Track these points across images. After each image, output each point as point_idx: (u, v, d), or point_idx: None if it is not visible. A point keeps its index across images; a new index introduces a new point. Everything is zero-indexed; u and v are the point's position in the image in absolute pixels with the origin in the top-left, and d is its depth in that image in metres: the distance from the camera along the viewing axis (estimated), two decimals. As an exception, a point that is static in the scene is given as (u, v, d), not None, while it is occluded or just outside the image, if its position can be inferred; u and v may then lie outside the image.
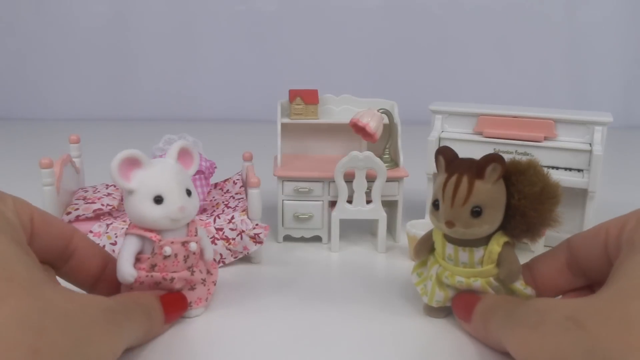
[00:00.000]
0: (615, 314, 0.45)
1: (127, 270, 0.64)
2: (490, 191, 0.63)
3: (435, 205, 0.66)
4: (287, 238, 0.97)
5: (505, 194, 0.64)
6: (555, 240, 0.92)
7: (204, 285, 0.72)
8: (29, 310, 0.43)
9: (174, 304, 0.68)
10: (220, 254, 0.85)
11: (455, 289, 0.69)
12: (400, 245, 0.97)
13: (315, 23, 2.15)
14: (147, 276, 0.66)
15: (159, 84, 2.20)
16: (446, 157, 0.66)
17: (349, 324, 0.70)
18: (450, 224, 0.63)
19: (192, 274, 0.69)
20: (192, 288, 0.71)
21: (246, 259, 0.88)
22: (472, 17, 2.13)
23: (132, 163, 0.65)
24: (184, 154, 0.71)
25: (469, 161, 0.65)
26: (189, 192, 0.68)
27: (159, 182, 0.66)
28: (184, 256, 0.68)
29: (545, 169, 0.66)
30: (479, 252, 0.65)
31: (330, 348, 0.65)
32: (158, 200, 0.65)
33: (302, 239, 0.97)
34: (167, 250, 0.66)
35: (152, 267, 0.66)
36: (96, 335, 0.49)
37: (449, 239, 0.67)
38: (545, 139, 0.91)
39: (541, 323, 0.51)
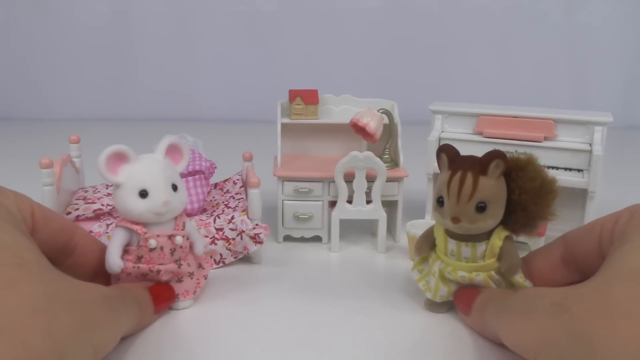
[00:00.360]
0: (600, 299, 0.46)
1: (114, 261, 0.66)
2: (493, 187, 0.64)
3: (440, 202, 0.67)
4: (287, 238, 0.97)
5: (506, 190, 0.66)
6: (555, 240, 0.92)
7: (192, 278, 0.73)
8: (39, 295, 0.44)
9: (162, 295, 0.69)
10: (221, 254, 0.85)
11: (458, 283, 0.70)
12: (400, 245, 0.97)
13: (315, 23, 2.15)
14: (133, 267, 0.68)
15: (159, 84, 2.20)
16: (449, 154, 0.67)
17: (349, 322, 0.70)
18: (456, 219, 0.65)
19: (179, 267, 0.70)
20: (180, 280, 0.72)
21: (246, 259, 0.88)
22: (472, 17, 2.13)
23: (120, 158, 0.67)
24: (173, 150, 0.72)
25: (472, 158, 0.66)
26: (175, 187, 0.69)
27: (144, 176, 0.67)
28: (171, 249, 0.69)
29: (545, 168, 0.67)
30: (481, 247, 0.67)
31: (329, 346, 0.65)
32: (143, 194, 0.66)
33: (302, 239, 0.97)
34: (152, 243, 0.67)
35: (139, 258, 0.68)
36: (99, 321, 0.50)
37: (451, 234, 0.68)
38: (545, 139, 0.91)
39: (530, 310, 0.52)
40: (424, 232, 0.74)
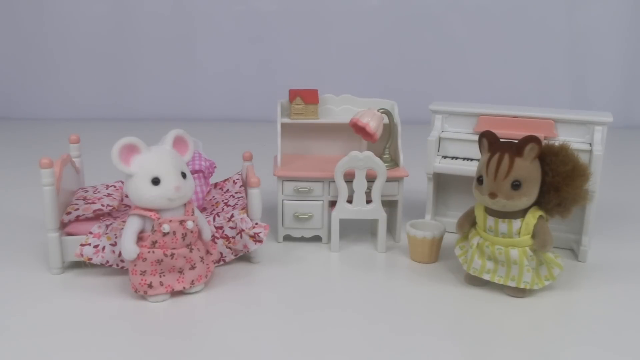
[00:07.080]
0: None
1: (130, 247, 0.71)
2: (528, 168, 0.72)
3: (480, 180, 0.74)
4: (287, 238, 0.97)
5: (541, 172, 0.73)
6: (558, 241, 0.93)
7: (203, 262, 0.77)
8: None
9: None
10: (221, 252, 0.85)
11: (495, 259, 0.75)
12: (400, 245, 0.97)
13: (315, 23, 2.15)
14: (149, 252, 0.72)
15: (159, 84, 2.20)
16: (489, 139, 0.75)
17: (349, 322, 0.71)
18: (493, 195, 0.72)
19: (190, 252, 0.75)
20: (193, 267, 0.76)
21: (246, 258, 0.88)
22: (472, 18, 2.13)
23: (131, 149, 0.72)
24: (179, 142, 0.77)
25: (509, 142, 0.74)
26: (184, 175, 0.73)
27: (156, 165, 0.72)
28: (182, 234, 0.73)
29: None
30: (516, 224, 0.74)
31: (328, 345, 0.65)
32: (155, 181, 0.71)
33: (302, 239, 0.97)
34: (166, 227, 0.72)
35: (153, 243, 0.72)
36: None
37: (489, 212, 0.75)
38: (545, 138, 0.91)
39: None
40: (465, 211, 0.81)
